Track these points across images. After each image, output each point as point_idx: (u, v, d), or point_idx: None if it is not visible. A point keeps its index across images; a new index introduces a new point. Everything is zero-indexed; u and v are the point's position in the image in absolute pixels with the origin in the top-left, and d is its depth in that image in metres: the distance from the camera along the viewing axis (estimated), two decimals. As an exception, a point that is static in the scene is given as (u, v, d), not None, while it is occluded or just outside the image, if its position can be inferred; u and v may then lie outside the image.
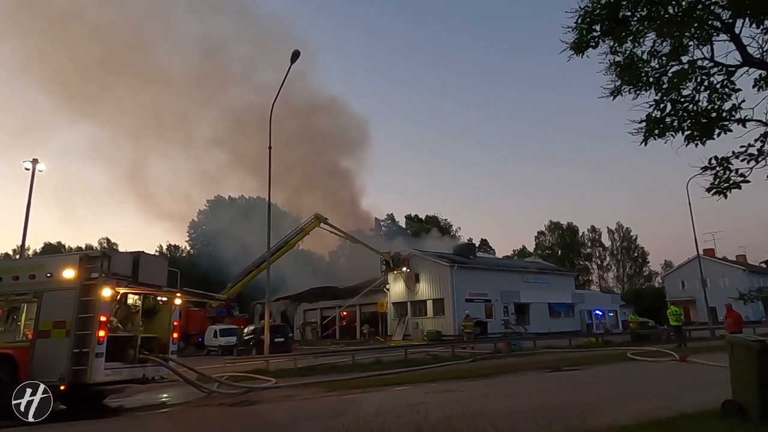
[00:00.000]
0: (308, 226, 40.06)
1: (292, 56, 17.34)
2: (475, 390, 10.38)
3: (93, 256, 10.17)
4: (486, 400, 6.01)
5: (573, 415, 5.62)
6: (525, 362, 16.87)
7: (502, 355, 20.23)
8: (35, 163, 24.70)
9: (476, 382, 12.22)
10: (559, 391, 9.74)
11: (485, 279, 37.99)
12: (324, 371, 16.19)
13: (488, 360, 18.56)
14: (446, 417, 4.82)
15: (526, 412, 5.52)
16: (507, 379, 12.67)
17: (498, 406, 5.76)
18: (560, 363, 15.43)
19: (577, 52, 4.88)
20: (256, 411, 9.65)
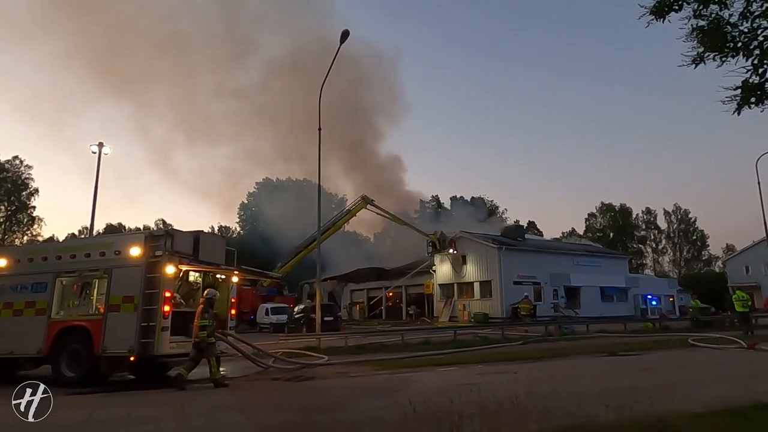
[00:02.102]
0: (355, 207, 40.39)
1: (342, 36, 17.25)
2: (531, 372, 10.23)
3: (157, 234, 10.60)
4: (548, 381, 5.89)
5: (641, 400, 5.41)
6: (578, 346, 16.48)
7: (553, 338, 19.85)
8: (101, 146, 25.96)
9: (530, 364, 12.04)
10: (621, 375, 9.44)
11: (534, 261, 37.24)
12: (374, 350, 16.39)
13: (539, 343, 18.25)
14: (512, 397, 4.74)
15: (593, 395, 5.36)
16: (562, 362, 12.42)
17: (562, 388, 5.64)
18: (616, 348, 14.96)
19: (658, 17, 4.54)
20: (312, 386, 9.88)
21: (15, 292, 10.89)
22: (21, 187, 63.79)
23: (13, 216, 64.01)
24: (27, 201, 64.46)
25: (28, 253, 11.81)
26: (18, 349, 10.59)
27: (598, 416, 4.73)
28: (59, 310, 10.70)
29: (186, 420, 6.50)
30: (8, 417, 7.25)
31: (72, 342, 10.10)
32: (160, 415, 6.94)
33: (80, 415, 7.02)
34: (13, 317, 10.76)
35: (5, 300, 10.93)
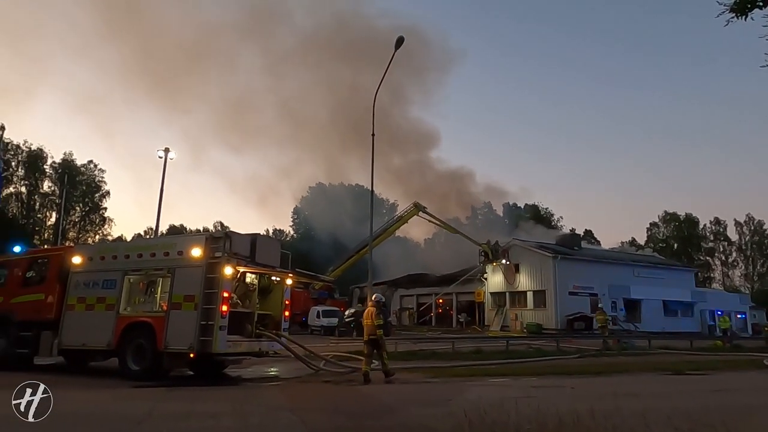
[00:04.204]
0: (407, 214, 40.43)
1: (396, 43, 17.32)
2: (590, 388, 9.80)
3: (217, 236, 10.98)
4: (610, 398, 5.59)
5: (714, 424, 5.04)
6: (639, 362, 15.65)
7: (612, 353, 18.97)
8: (167, 152, 27.36)
9: (588, 379, 11.54)
10: (690, 396, 8.87)
11: (591, 271, 35.82)
12: (424, 357, 16.25)
13: (597, 357, 17.49)
14: (572, 412, 4.53)
15: (661, 416, 5.04)
16: (623, 379, 11.81)
17: (626, 406, 5.32)
18: (681, 366, 14.09)
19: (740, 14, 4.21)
20: (362, 390, 9.90)
21: (88, 288, 11.57)
22: (94, 189, 68.22)
23: (86, 216, 68.52)
24: (99, 202, 68.87)
25: (100, 251, 12.54)
26: (89, 341, 11.23)
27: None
28: (126, 306, 11.25)
29: (242, 418, 6.66)
30: (78, 405, 7.73)
31: (137, 337, 10.59)
32: (218, 411, 7.15)
33: (144, 407, 7.34)
34: (85, 311, 11.42)
35: (79, 295, 11.62)
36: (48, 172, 64.26)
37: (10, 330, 11.93)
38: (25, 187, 62.88)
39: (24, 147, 61.29)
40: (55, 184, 63.30)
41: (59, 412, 7.19)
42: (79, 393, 9.07)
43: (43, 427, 6.15)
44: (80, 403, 7.94)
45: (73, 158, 65.91)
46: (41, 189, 64.36)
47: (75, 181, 64.44)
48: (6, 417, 6.52)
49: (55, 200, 62.22)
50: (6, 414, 6.46)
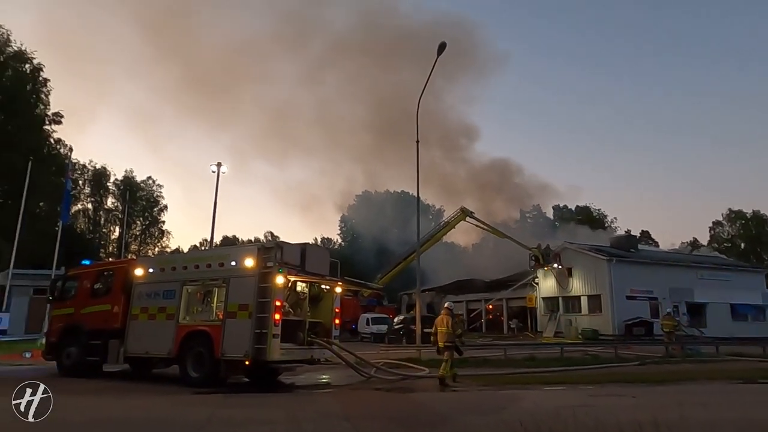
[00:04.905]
0: (454, 219, 40.13)
1: (439, 49, 17.32)
2: (653, 397, 9.34)
3: (268, 246, 11.28)
4: (675, 408, 5.30)
5: (793, 437, 4.70)
6: (706, 370, 14.74)
7: (675, 360, 18.00)
8: (219, 166, 28.51)
9: (650, 388, 10.99)
10: (763, 406, 8.29)
11: (649, 274, 34.22)
12: (476, 364, 15.98)
13: (659, 365, 16.64)
14: (634, 422, 4.34)
15: (732, 427, 4.75)
16: (689, 387, 11.19)
17: (693, 417, 5.04)
18: (753, 374, 13.17)
19: None
20: (414, 398, 9.87)
21: (149, 298, 12.14)
22: (153, 204, 71.81)
23: (147, 230, 72.18)
24: (158, 216, 72.45)
25: (160, 263, 13.15)
26: (152, 349, 11.78)
27: (739, 452, 4.17)
28: (185, 316, 11.72)
29: (297, 425, 6.79)
30: (145, 411, 8.12)
31: (196, 345, 10.99)
32: (274, 418, 7.32)
33: (204, 413, 7.63)
34: (148, 321, 11.99)
35: (142, 305, 12.22)
36: (111, 189, 68.27)
37: (81, 339, 12.70)
38: (91, 203, 67.02)
39: (89, 166, 65.38)
40: (118, 200, 67.14)
41: (129, 418, 7.60)
42: (144, 399, 9.53)
43: (117, 430, 6.51)
44: (145, 410, 8.34)
45: (133, 175, 69.78)
46: (105, 205, 68.44)
47: (136, 197, 68.08)
48: (96, 421, 6.95)
49: (118, 215, 65.91)
50: (95, 418, 6.88)
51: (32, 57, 42.44)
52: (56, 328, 13.59)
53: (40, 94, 43.22)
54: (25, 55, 42.10)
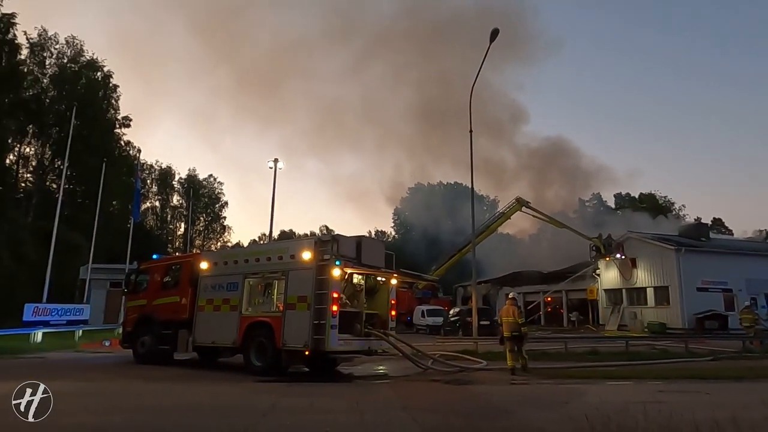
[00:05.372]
0: (510, 210, 39.26)
1: (491, 35, 16.93)
2: (729, 394, 8.78)
3: (325, 240, 11.52)
4: (759, 407, 4.94)
5: None
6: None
7: (754, 355, 16.82)
8: (276, 162, 29.34)
9: (726, 385, 10.35)
10: None
11: (723, 264, 32.03)
12: (535, 357, 15.58)
13: (735, 360, 15.60)
14: (711, 420, 4.09)
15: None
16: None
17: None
18: None
19: None
20: (472, 390, 9.79)
21: (215, 291, 12.71)
22: (215, 200, 74.99)
23: (209, 225, 75.51)
24: (219, 212, 75.62)
25: (223, 257, 13.74)
26: (218, 339, 12.35)
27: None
28: (248, 307, 12.19)
29: (358, 414, 6.91)
30: (213, 397, 8.52)
31: (258, 335, 11.42)
32: (335, 407, 7.49)
33: (268, 400, 7.92)
34: (213, 312, 12.58)
35: (207, 297, 12.82)
36: (176, 187, 71.80)
37: (154, 329, 13.49)
38: (158, 201, 70.82)
39: (156, 166, 68.99)
40: (182, 197, 70.51)
41: (197, 403, 8.02)
42: (212, 386, 10.01)
43: (184, 415, 6.88)
44: (213, 396, 8.76)
45: (195, 173, 73.04)
46: (171, 203, 72.11)
47: (198, 194, 71.29)
48: (155, 407, 7.39)
49: (183, 212, 69.32)
50: (171, 404, 7.31)
51: (103, 65, 45.25)
52: (131, 319, 14.53)
53: (111, 99, 45.99)
54: (96, 63, 44.91)
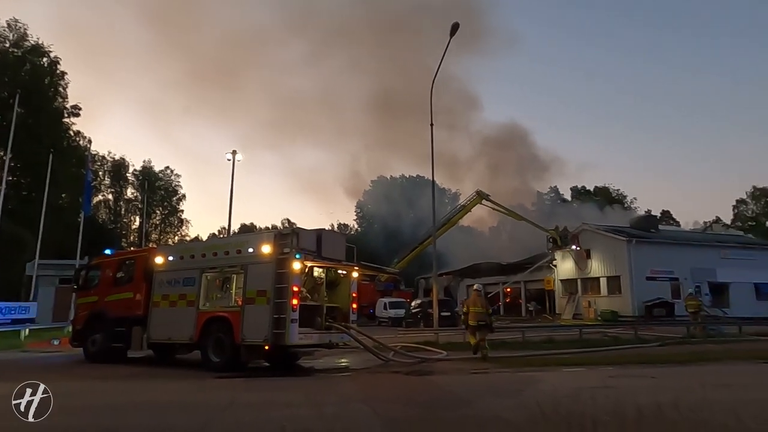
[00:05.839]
0: (470, 203, 39.94)
1: (452, 29, 17.05)
2: (674, 378, 9.25)
3: (285, 233, 11.38)
4: (697, 390, 5.23)
5: (819, 418, 4.60)
6: (730, 350, 14.52)
7: (697, 340, 17.78)
8: (234, 154, 28.71)
9: (671, 369, 10.90)
10: (789, 386, 8.15)
11: (670, 255, 33.69)
12: (493, 347, 15.97)
13: (680, 345, 16.46)
14: (654, 404, 4.29)
15: (755, 408, 4.67)
16: (711, 368, 11.04)
17: (715, 398, 4.98)
18: (778, 354, 12.94)
19: None
20: (432, 381, 9.92)
21: (171, 286, 12.37)
22: (172, 193, 72.76)
23: (166, 219, 73.29)
24: (177, 205, 73.45)
25: (180, 251, 13.36)
26: (174, 336, 12.04)
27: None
28: (205, 302, 11.92)
29: (317, 407, 6.88)
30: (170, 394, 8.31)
31: (216, 331, 11.20)
32: (294, 401, 7.43)
33: (227, 396, 7.79)
34: (169, 308, 12.24)
35: (163, 292, 12.46)
36: (130, 180, 69.27)
37: (106, 326, 13.02)
38: (111, 194, 68.14)
39: (108, 157, 66.32)
40: (137, 190, 68.10)
41: (154, 401, 7.80)
42: (168, 384, 9.76)
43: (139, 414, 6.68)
44: (171, 393, 8.55)
45: (151, 165, 70.62)
46: (125, 195, 69.52)
47: (154, 187, 69.02)
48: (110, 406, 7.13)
49: (137, 205, 66.97)
50: (122, 402, 7.06)
51: (49, 50, 43.02)
52: (81, 316, 13.98)
53: (58, 87, 43.83)
54: (42, 49, 42.65)
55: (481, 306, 13.24)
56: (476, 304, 13.29)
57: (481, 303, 13.36)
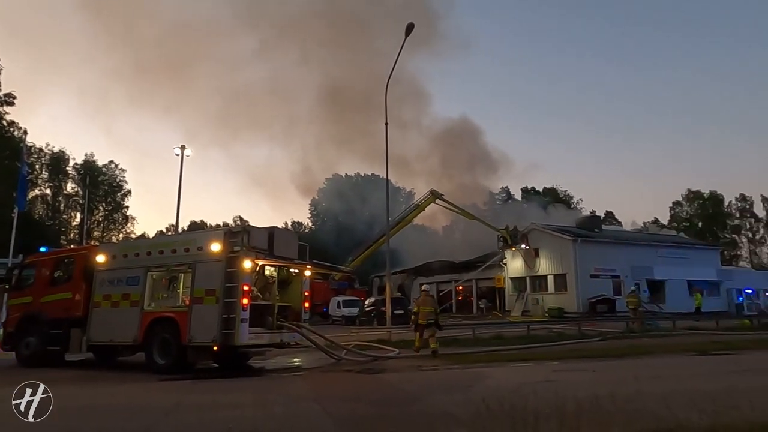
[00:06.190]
0: (424, 202, 40.39)
1: (407, 30, 17.17)
2: (612, 371, 9.73)
3: (235, 231, 11.14)
4: (632, 381, 5.54)
5: (740, 405, 4.96)
6: (664, 344, 15.46)
7: (635, 335, 18.75)
8: (183, 149, 27.75)
9: (610, 362, 11.45)
10: (715, 377, 8.73)
11: (613, 253, 35.32)
12: (445, 344, 16.24)
13: (620, 340, 17.32)
14: (592, 397, 4.50)
15: (684, 398, 4.98)
16: (647, 361, 11.67)
17: (648, 390, 5.28)
18: (707, 346, 13.86)
19: None
20: (384, 379, 9.98)
21: (113, 285, 11.84)
22: (116, 189, 69.55)
23: (109, 215, 70.00)
24: (121, 201, 70.29)
25: (123, 249, 12.82)
26: (116, 337, 11.54)
27: (690, 422, 4.38)
28: (150, 302, 11.49)
29: (266, 407, 6.78)
30: (109, 398, 7.96)
31: (162, 332, 10.83)
32: (242, 402, 7.30)
33: (171, 399, 7.54)
34: (111, 308, 11.71)
35: (105, 292, 11.91)
36: (71, 174, 65.71)
37: (41, 328, 12.31)
38: (49, 189, 64.41)
39: (46, 150, 62.62)
40: (78, 185, 64.68)
41: (92, 405, 7.44)
42: (109, 387, 9.34)
43: (78, 419, 6.36)
44: (111, 397, 8.18)
45: (94, 159, 67.22)
46: (65, 190, 65.88)
47: (97, 182, 65.76)
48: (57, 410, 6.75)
49: (78, 201, 63.60)
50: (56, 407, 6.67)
51: (-21, 34, 40.13)
52: (14, 318, 13.13)
53: (-10, 73, 41.02)
54: (-29, 33, 39.75)
55: (430, 306, 13.86)
56: (426, 304, 13.87)
57: (431, 303, 14.03)
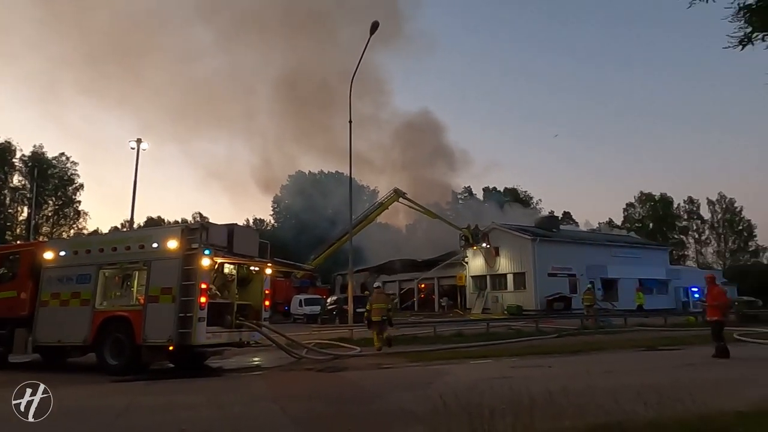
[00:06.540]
0: (387, 200, 40.54)
1: (372, 28, 17.16)
2: (566, 366, 10.03)
3: (193, 228, 10.87)
4: (584, 376, 5.74)
5: (682, 398, 5.21)
6: (616, 340, 16.06)
7: (589, 331, 19.41)
8: (139, 142, 26.82)
9: (565, 358, 11.81)
10: (661, 371, 9.15)
11: (569, 253, 36.50)
12: (406, 342, 16.39)
13: (574, 336, 17.89)
14: (546, 392, 4.64)
15: (631, 392, 5.19)
16: (599, 356, 12.12)
17: (598, 384, 5.48)
18: (656, 342, 14.52)
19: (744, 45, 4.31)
20: (344, 377, 9.96)
21: (62, 283, 11.35)
22: (67, 182, 66.47)
23: (60, 210, 66.83)
24: (73, 196, 67.15)
25: (73, 245, 12.30)
26: (65, 337, 11.07)
27: (636, 414, 4.58)
28: (102, 301, 11.09)
29: (222, 408, 6.66)
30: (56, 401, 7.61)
31: (115, 331, 10.47)
32: (197, 403, 7.13)
33: (123, 401, 7.29)
34: (60, 307, 11.23)
35: (53, 290, 11.40)
36: (18, 166, 62.41)
37: (-18, 328, 11.67)
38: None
39: (-10, 141, 59.23)
40: (26, 177, 61.52)
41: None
42: (57, 389, 8.86)
43: (22, 424, 6.05)
44: (58, 400, 7.80)
45: (43, 151, 64.02)
46: (11, 183, 62.46)
47: (46, 175, 62.72)
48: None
49: (26, 194, 60.48)
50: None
51: None
52: (-48, 318, 12.38)
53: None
54: None
55: (383, 302, 14.07)
56: (379, 301, 14.04)
57: (384, 300, 14.25)
